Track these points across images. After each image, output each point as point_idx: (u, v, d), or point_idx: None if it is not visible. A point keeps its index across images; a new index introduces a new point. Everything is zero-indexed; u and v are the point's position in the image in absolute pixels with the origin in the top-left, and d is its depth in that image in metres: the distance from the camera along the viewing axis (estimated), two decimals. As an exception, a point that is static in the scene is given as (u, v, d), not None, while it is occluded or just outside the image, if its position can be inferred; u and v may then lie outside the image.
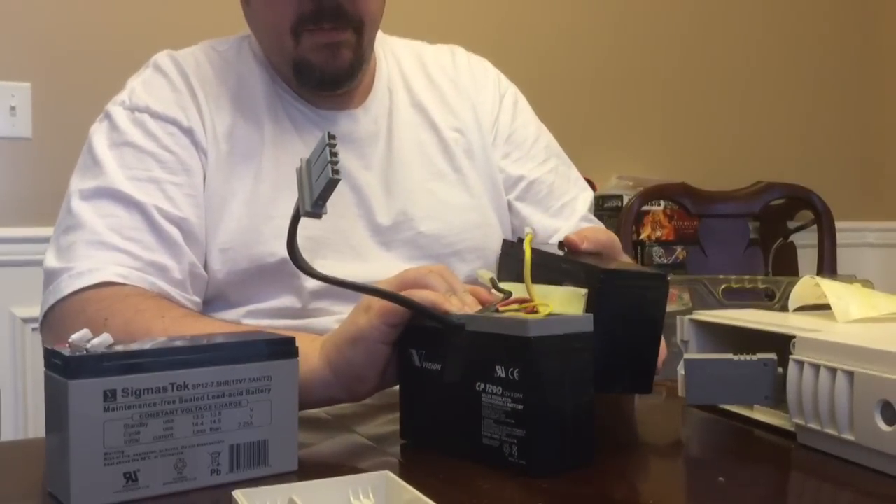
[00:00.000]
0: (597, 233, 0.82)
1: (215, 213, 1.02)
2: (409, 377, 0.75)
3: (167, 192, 0.99)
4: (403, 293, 0.71)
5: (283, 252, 0.98)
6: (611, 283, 0.71)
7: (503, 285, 0.73)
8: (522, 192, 1.16)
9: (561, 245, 0.81)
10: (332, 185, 0.59)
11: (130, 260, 0.94)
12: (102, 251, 0.94)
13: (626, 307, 0.72)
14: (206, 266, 1.01)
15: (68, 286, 0.92)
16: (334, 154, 0.59)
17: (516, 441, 0.64)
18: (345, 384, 0.77)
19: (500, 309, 0.70)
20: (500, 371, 0.65)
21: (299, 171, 0.62)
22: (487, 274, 0.76)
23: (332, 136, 0.60)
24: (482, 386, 0.67)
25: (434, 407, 0.72)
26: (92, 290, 0.92)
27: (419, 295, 0.71)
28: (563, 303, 0.70)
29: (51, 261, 0.96)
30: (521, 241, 0.78)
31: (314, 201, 0.60)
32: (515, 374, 0.64)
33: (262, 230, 1.01)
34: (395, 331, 0.73)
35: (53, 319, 0.94)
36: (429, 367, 0.72)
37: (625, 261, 0.92)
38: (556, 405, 0.64)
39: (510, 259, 0.83)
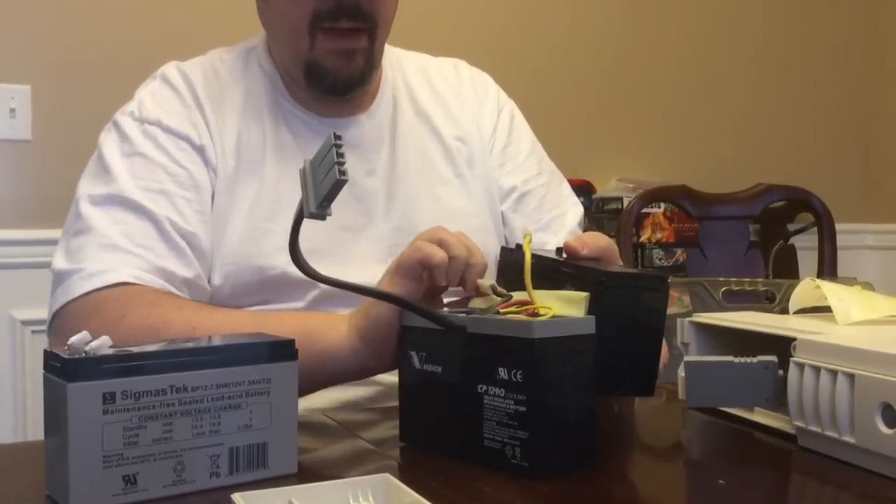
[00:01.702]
0: (597, 239, 0.82)
1: (219, 230, 1.01)
2: (409, 379, 0.75)
3: (178, 205, 0.99)
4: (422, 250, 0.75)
5: (283, 265, 0.99)
6: (612, 286, 0.71)
7: None
8: (514, 202, 1.17)
9: (559, 251, 0.81)
10: (338, 185, 0.59)
11: (143, 263, 0.94)
12: (114, 254, 0.94)
13: (628, 310, 0.72)
14: (209, 282, 1.01)
15: (80, 287, 0.91)
16: (340, 155, 0.59)
17: (519, 443, 0.64)
18: (371, 348, 0.80)
19: (501, 311, 0.70)
20: (502, 373, 0.65)
21: (302, 172, 0.62)
22: (487, 282, 0.76)
23: (337, 137, 0.60)
24: (484, 388, 0.67)
25: (434, 409, 0.72)
26: (105, 291, 0.91)
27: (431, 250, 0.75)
28: (563, 306, 0.70)
29: (60, 262, 0.95)
30: (519, 246, 0.78)
31: (319, 202, 0.60)
32: (518, 376, 0.64)
33: (262, 243, 1.01)
34: (416, 286, 0.76)
35: (64, 321, 0.93)
36: (429, 369, 0.72)
37: (623, 265, 0.92)
38: (560, 407, 0.64)
39: (509, 266, 0.83)
